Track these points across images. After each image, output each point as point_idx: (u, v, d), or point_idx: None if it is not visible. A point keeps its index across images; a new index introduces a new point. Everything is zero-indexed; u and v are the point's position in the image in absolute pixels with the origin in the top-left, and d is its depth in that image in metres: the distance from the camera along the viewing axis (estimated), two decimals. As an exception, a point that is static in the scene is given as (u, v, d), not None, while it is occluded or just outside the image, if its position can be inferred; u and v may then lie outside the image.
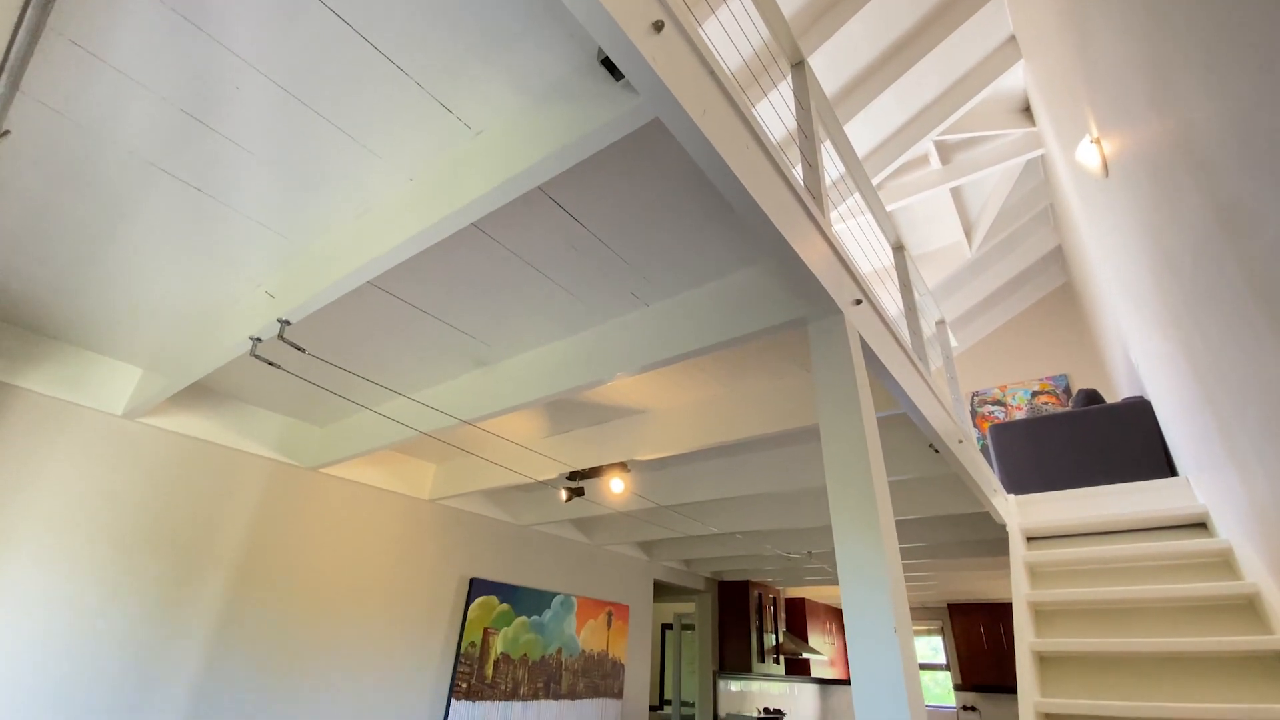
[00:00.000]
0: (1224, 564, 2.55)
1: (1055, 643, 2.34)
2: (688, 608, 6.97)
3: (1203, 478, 2.80)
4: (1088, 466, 3.72)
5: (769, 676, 5.99)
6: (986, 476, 2.82)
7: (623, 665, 4.21)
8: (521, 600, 3.65)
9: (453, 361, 2.17)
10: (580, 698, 3.84)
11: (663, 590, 5.38)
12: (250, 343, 1.67)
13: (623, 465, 2.51)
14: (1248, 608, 2.26)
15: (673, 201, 1.39)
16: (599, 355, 1.84)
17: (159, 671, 2.24)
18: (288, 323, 1.57)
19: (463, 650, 3.22)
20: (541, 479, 2.74)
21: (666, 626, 7.34)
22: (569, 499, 2.65)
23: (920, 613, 6.69)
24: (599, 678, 4.01)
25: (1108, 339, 4.96)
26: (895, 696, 1.01)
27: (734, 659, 5.25)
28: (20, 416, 2.12)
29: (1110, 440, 3.77)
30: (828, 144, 2.46)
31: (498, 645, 3.42)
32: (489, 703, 3.28)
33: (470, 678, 3.23)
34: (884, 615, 1.08)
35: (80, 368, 2.28)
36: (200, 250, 1.67)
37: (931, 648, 6.79)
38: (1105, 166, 2.98)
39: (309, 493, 2.84)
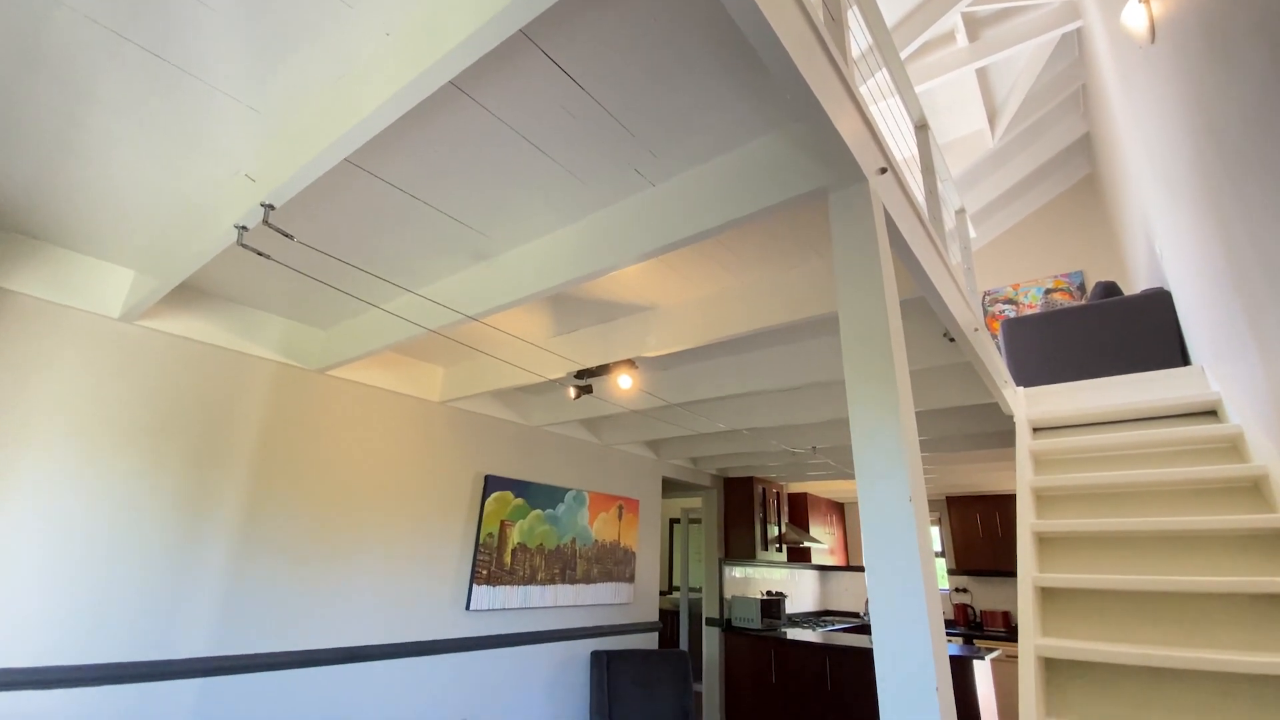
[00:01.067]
0: (1232, 449, 2.57)
1: (1055, 524, 2.41)
2: (694, 503, 7.27)
3: (1219, 365, 2.76)
4: (1100, 360, 3.68)
5: (771, 564, 6.33)
6: (998, 367, 2.79)
7: (634, 553, 4.43)
8: (535, 495, 3.77)
9: (451, 255, 2.09)
10: (595, 582, 4.07)
11: (671, 487, 5.57)
12: (236, 232, 1.59)
13: (630, 362, 2.49)
14: (1253, 490, 2.28)
15: (681, 54, 1.25)
16: (603, 242, 1.75)
17: (191, 563, 2.35)
18: (272, 207, 1.48)
19: (481, 540, 3.37)
20: (549, 378, 2.73)
21: (674, 521, 7.70)
22: (577, 397, 2.66)
23: (919, 505, 6.94)
24: (612, 564, 4.23)
25: (1130, 230, 4.78)
26: (911, 581, 1.02)
27: (739, 548, 5.53)
28: (16, 321, 2.08)
29: (1125, 333, 3.71)
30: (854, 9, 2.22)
31: (514, 536, 3.58)
32: (508, 587, 3.47)
33: (490, 565, 3.40)
34: (902, 503, 1.07)
35: (72, 271, 2.21)
36: (173, 132, 1.55)
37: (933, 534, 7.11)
38: (1152, 30, 2.71)
39: (319, 395, 2.86)
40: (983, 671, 4.25)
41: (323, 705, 2.63)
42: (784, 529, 5.96)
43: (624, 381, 2.46)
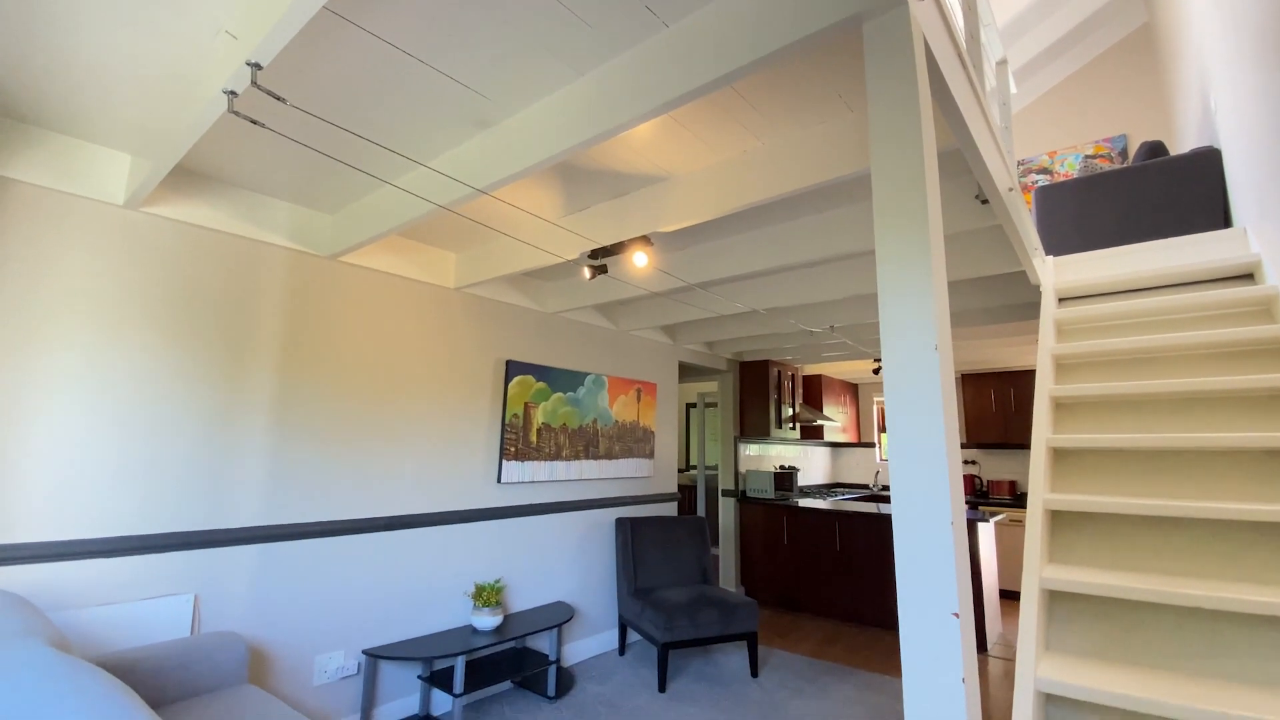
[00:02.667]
0: (1264, 311, 2.50)
1: (1072, 388, 2.42)
2: (710, 387, 7.43)
3: (1264, 224, 2.62)
4: (1138, 226, 3.52)
5: (784, 441, 6.57)
6: (1029, 233, 2.68)
7: (653, 432, 4.60)
8: (556, 379, 3.86)
9: (452, 124, 1.98)
10: (617, 458, 4.26)
11: (687, 371, 5.67)
12: (226, 99, 1.50)
13: (645, 239, 2.42)
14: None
15: None
16: (615, 96, 1.63)
17: (231, 444, 2.48)
18: (258, 66, 1.38)
19: (507, 421, 3.51)
20: (563, 258, 2.68)
21: (690, 405, 7.93)
22: (592, 277, 2.62)
23: (932, 383, 7.03)
24: (632, 442, 4.41)
25: (1184, 86, 4.37)
26: (932, 431, 1.02)
27: (753, 427, 5.71)
28: (21, 209, 2.05)
29: (1167, 196, 3.52)
30: None
31: (539, 417, 3.71)
32: (535, 462, 3.66)
33: (517, 443, 3.55)
34: (927, 352, 1.05)
35: (71, 158, 2.14)
36: (142, -14, 1.42)
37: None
38: None
39: (335, 283, 2.85)
40: (986, 533, 4.50)
41: (373, 566, 2.88)
42: (798, 409, 6.11)
43: (639, 259, 2.41)
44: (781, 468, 5.90)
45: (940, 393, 1.03)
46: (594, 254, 2.55)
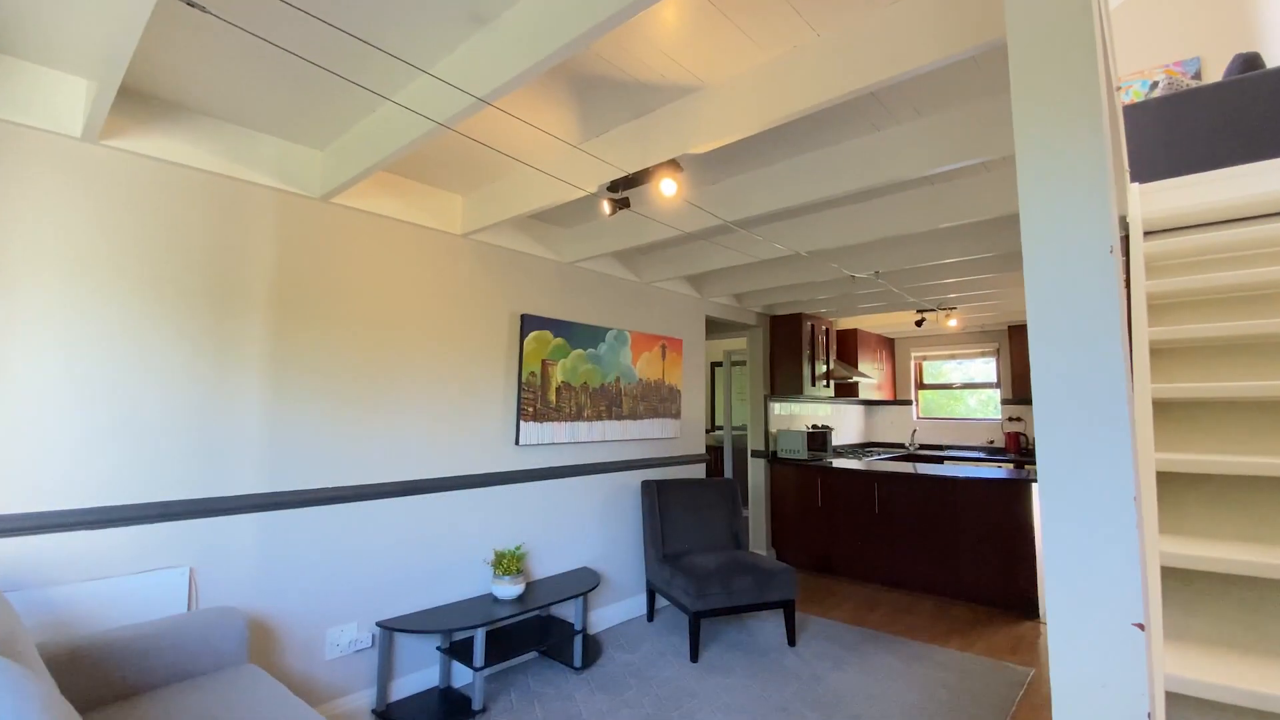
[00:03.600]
0: None
1: (1174, 331, 2.06)
2: (738, 344, 7.11)
3: None
4: (1234, 148, 3.06)
5: (817, 399, 6.26)
6: (1122, 152, 2.28)
7: (679, 391, 4.33)
8: (575, 335, 3.59)
9: (442, 21, 1.65)
10: (641, 418, 4.01)
11: (715, 327, 5.36)
12: (157, -27, 1.20)
13: (673, 163, 2.09)
14: None
15: None
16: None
17: (225, 405, 2.27)
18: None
19: (524, 379, 3.26)
20: (581, 190, 2.36)
21: (716, 364, 7.62)
22: (613, 212, 2.31)
23: (979, 336, 6.62)
24: (657, 401, 4.15)
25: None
26: (1107, 365, 0.71)
27: (785, 385, 5.41)
28: (-35, 140, 1.80)
29: (1270, 111, 3.04)
30: None
31: (557, 375, 3.46)
32: (555, 423, 3.42)
33: (535, 402, 3.31)
34: (1100, 256, 0.73)
35: (14, 81, 1.87)
36: None
37: (985, 367, 6.85)
38: None
39: (330, 228, 2.59)
40: (1037, 493, 4.18)
41: (386, 534, 2.70)
42: (832, 365, 5.77)
43: (667, 187, 2.09)
44: (814, 427, 5.62)
45: (1118, 315, 0.72)
46: (614, 185, 2.23)
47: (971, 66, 1.89)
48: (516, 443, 3.20)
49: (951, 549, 4.37)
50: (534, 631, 3.03)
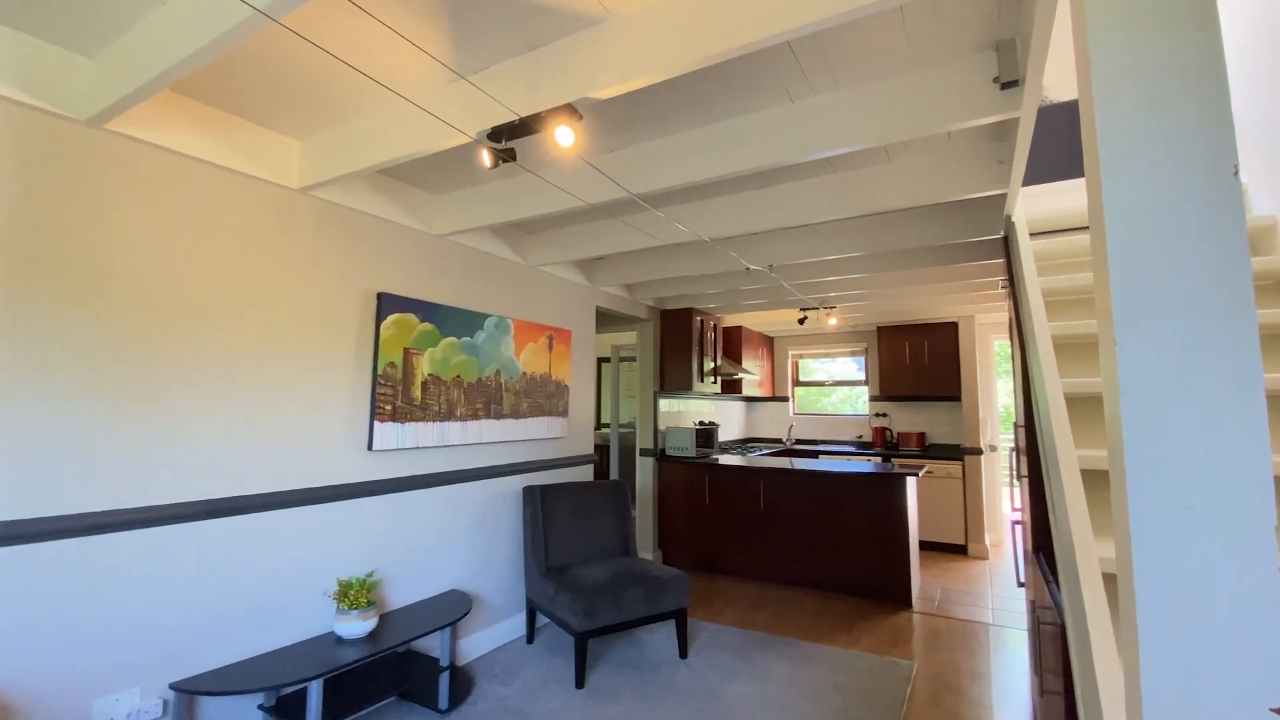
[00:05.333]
0: (1259, 240, 2.28)
1: (1074, 325, 2.07)
2: (626, 339, 6.88)
3: (1246, 157, 2.39)
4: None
5: (704, 396, 6.18)
6: (1027, 143, 2.27)
7: (567, 386, 3.96)
8: (447, 320, 3.10)
9: None
10: (525, 416, 3.60)
11: (605, 320, 5.06)
12: None
13: (570, 109, 1.73)
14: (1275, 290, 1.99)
15: None
16: None
17: (-88, 397, 1.56)
18: None
19: (381, 371, 2.72)
20: (459, 134, 1.93)
21: (604, 360, 7.33)
22: (494, 165, 1.90)
23: (851, 335, 6.91)
24: (543, 398, 3.75)
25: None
26: (1230, 321, 0.48)
27: (675, 381, 5.24)
28: None
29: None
30: None
31: (424, 367, 2.95)
32: (420, 424, 2.91)
33: (394, 399, 2.79)
34: (1224, 179, 0.50)
35: None
36: None
37: (849, 365, 7.22)
38: None
39: (107, 162, 1.92)
40: (912, 487, 4.34)
41: (187, 568, 2.07)
42: (719, 362, 5.70)
43: (564, 136, 1.73)
44: (702, 423, 5.51)
45: (1248, 280, 0.48)
46: (497, 133, 1.83)
47: (899, 35, 1.73)
48: (369, 448, 2.67)
49: (833, 543, 4.42)
50: (390, 672, 2.52)
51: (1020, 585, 3.20)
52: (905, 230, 3.29)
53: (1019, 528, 3.22)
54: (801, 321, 5.24)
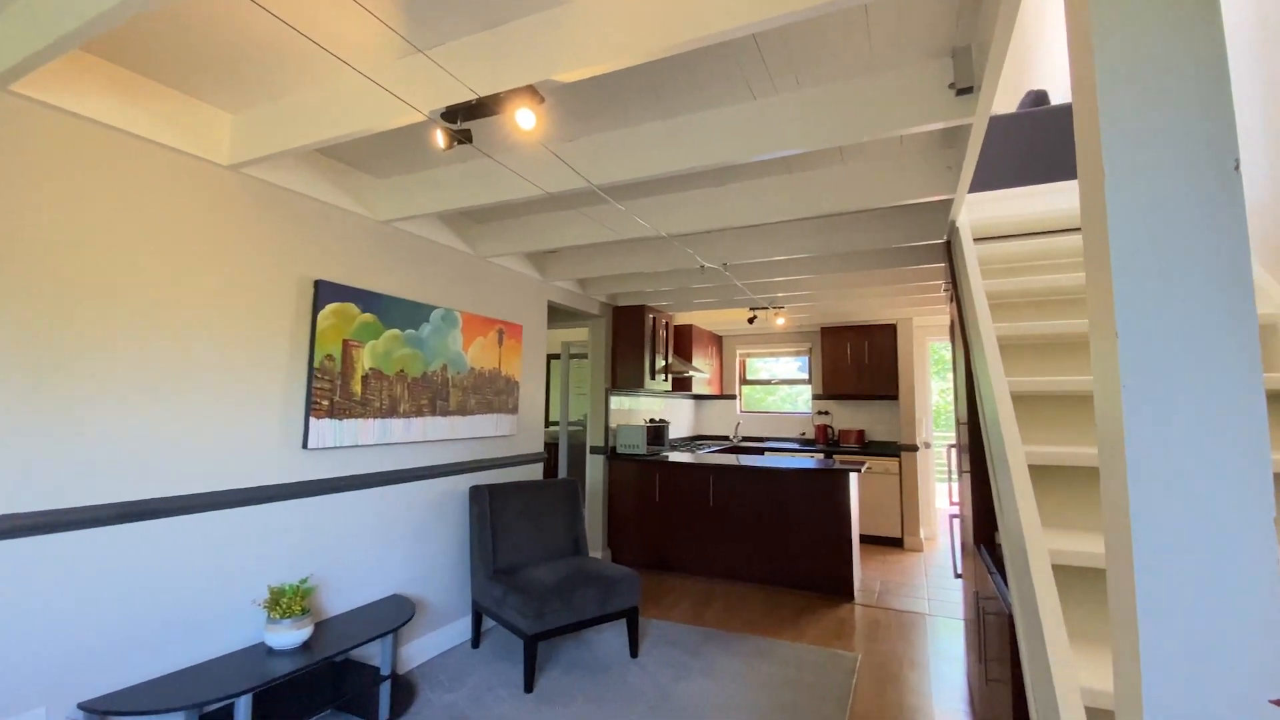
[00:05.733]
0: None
1: (1020, 326, 2.17)
2: (577, 335, 6.79)
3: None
4: (1030, 170, 3.46)
5: (654, 393, 6.18)
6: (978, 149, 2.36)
7: (517, 383, 3.86)
8: (391, 312, 2.95)
9: None
10: (472, 413, 3.47)
11: (557, 315, 4.96)
12: None
13: (531, 91, 1.66)
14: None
15: None
16: None
17: None
18: None
19: (318, 364, 2.56)
20: (403, 118, 1.82)
21: (553, 357, 7.21)
22: (449, 146, 1.80)
23: (796, 336, 7.06)
24: (492, 394, 3.64)
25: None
26: (1239, 389, 0.48)
27: (627, 378, 5.21)
28: None
29: (1054, 143, 3.49)
30: None
31: (365, 360, 2.79)
32: (360, 420, 2.76)
33: (332, 394, 2.62)
34: (1225, 170, 0.50)
35: None
36: None
37: (791, 365, 7.40)
38: None
39: (23, 133, 1.70)
40: (854, 483, 4.47)
41: (101, 577, 1.87)
42: (670, 360, 5.71)
43: (525, 119, 1.65)
44: (653, 421, 5.50)
45: (1248, 274, 0.49)
46: (452, 112, 1.73)
47: (862, 36, 1.75)
48: (305, 446, 2.50)
49: (779, 538, 4.50)
50: (326, 683, 2.38)
51: (957, 576, 3.33)
52: (854, 232, 3.37)
53: (957, 521, 3.36)
54: (751, 321, 5.31)
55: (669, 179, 2.82)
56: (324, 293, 2.59)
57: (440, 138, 1.78)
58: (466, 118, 1.75)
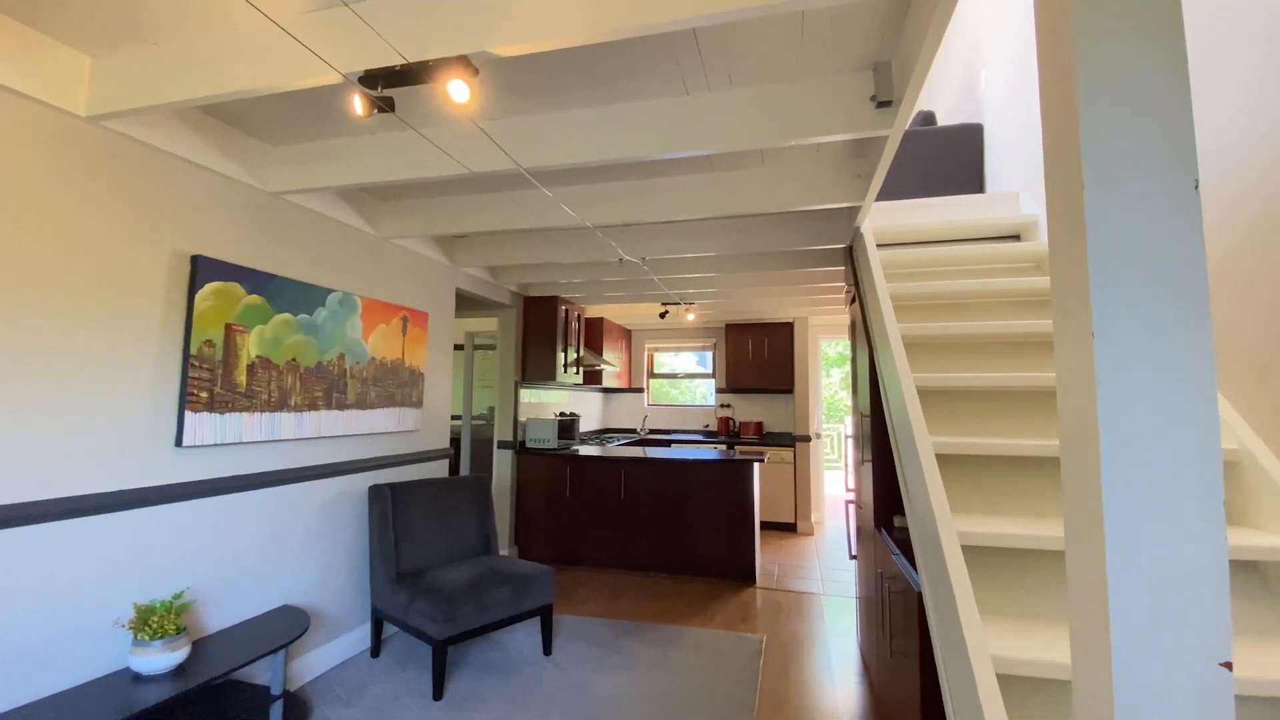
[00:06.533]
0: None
1: (919, 326, 2.35)
2: (484, 325, 6.53)
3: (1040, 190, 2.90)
4: (919, 183, 3.77)
5: (564, 386, 6.10)
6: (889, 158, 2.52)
7: (422, 374, 3.64)
8: (282, 294, 2.67)
9: None
10: (373, 407, 3.23)
11: (465, 303, 4.73)
12: None
13: (465, 62, 1.55)
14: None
15: None
16: None
17: None
18: None
19: (195, 351, 2.26)
20: (309, 79, 1.64)
21: (458, 347, 6.89)
22: (368, 114, 1.64)
23: (702, 331, 7.26)
24: (395, 387, 3.40)
25: (948, 61, 4.86)
26: (1193, 390, 0.54)
27: (537, 371, 5.09)
28: None
29: (941, 159, 3.83)
30: None
31: (251, 346, 2.51)
32: (245, 414, 2.47)
33: (212, 385, 2.33)
34: (1185, 191, 0.56)
35: None
36: None
37: (699, 361, 7.63)
38: None
39: None
40: (757, 472, 4.68)
41: (-111, 612, 1.53)
42: (582, 352, 5.66)
43: (459, 92, 1.54)
44: (563, 414, 5.42)
45: (1204, 282, 0.55)
46: (372, 77, 1.58)
47: (797, 42, 1.81)
48: (179, 443, 2.20)
49: (688, 528, 4.61)
50: (207, 709, 2.11)
51: (852, 558, 3.58)
52: (766, 233, 3.51)
53: (852, 507, 3.61)
54: (663, 315, 5.37)
55: (595, 168, 2.77)
56: (203, 269, 2.29)
57: (359, 104, 1.62)
58: (389, 84, 1.61)
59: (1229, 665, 0.54)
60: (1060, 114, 0.63)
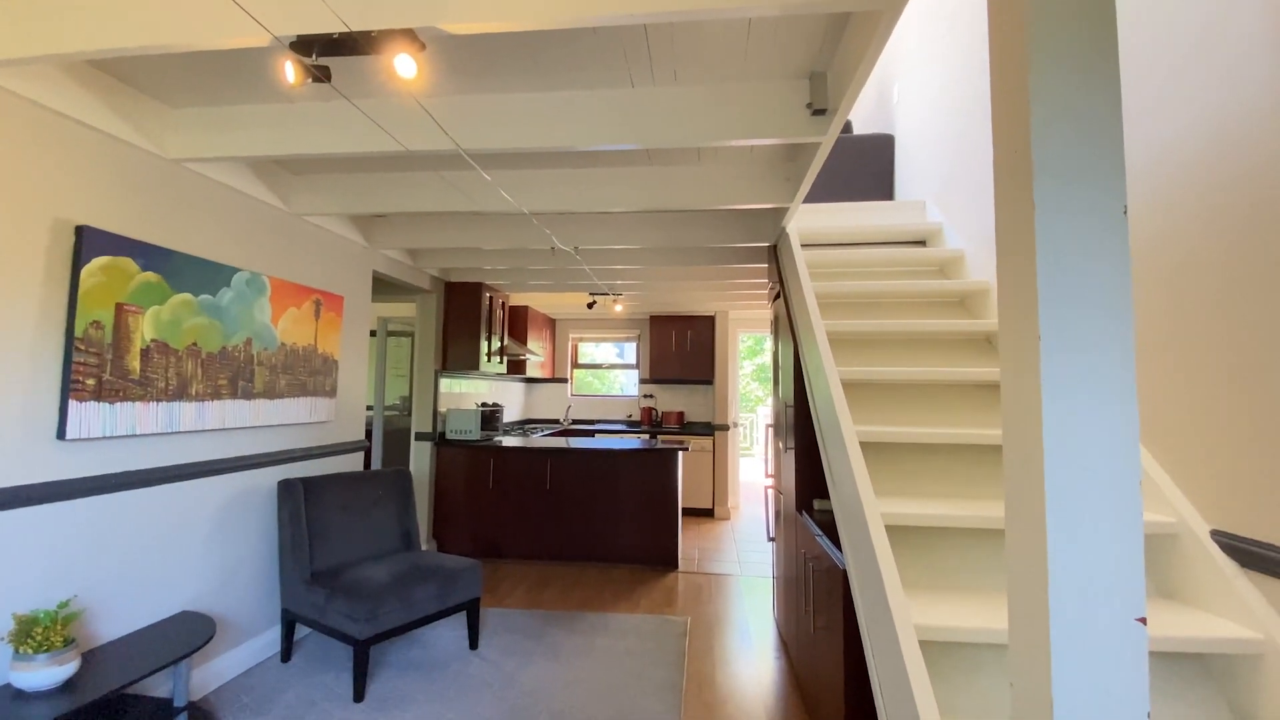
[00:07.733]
0: (949, 266, 3.02)
1: (841, 324, 2.50)
2: (400, 310, 6.23)
3: (949, 197, 3.16)
4: (832, 188, 4.00)
5: (487, 376, 5.95)
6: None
7: (336, 362, 3.43)
8: (181, 272, 2.43)
9: None
10: (283, 396, 3.02)
11: (381, 287, 4.49)
12: None
13: (411, 35, 1.48)
14: (980, 294, 2.68)
15: None
16: None
17: None
18: None
19: (81, 333, 2.01)
20: (231, 38, 1.50)
21: (370, 333, 6.53)
22: (301, 83, 1.52)
23: (627, 322, 7.31)
24: (307, 375, 3.19)
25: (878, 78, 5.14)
26: (1115, 388, 0.63)
27: (460, 359, 4.94)
28: None
29: (853, 167, 4.07)
30: None
31: (145, 329, 2.27)
32: (139, 404, 2.24)
33: (101, 371, 2.09)
34: (1113, 215, 0.65)
35: None
36: None
37: (618, 353, 7.70)
38: None
39: None
40: (680, 460, 4.81)
41: None
42: (506, 341, 5.54)
43: (406, 67, 1.46)
44: (485, 405, 5.29)
45: (1129, 295, 0.65)
46: (306, 43, 1.47)
47: (742, 45, 1.87)
48: (61, 435, 1.96)
49: (613, 517, 4.66)
50: (92, 731, 1.91)
51: (770, 540, 3.77)
52: (696, 229, 3.59)
53: (772, 492, 3.80)
54: (591, 306, 5.37)
55: (532, 154, 2.72)
56: (90, 242, 2.04)
57: (290, 71, 1.50)
58: (325, 53, 1.51)
59: (1144, 620, 0.65)
60: (1015, 135, 0.71)
